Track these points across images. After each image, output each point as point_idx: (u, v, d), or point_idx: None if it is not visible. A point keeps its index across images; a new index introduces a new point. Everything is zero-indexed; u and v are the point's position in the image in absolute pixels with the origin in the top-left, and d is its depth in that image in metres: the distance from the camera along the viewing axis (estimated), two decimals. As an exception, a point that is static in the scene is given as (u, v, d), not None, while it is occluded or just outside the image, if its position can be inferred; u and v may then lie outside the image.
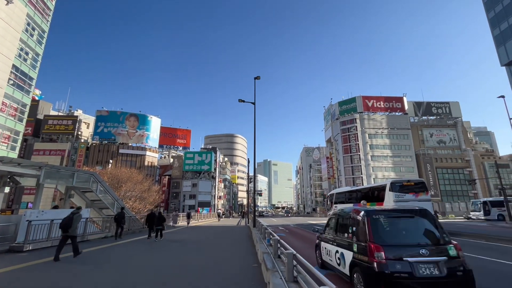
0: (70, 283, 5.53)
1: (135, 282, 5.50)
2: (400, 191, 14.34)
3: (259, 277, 5.89)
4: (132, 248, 10.67)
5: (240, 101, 18.96)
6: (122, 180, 31.07)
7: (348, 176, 72.56)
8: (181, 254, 9.47)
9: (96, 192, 13.97)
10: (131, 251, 10.17)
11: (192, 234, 16.93)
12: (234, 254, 9.24)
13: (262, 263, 6.51)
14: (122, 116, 60.66)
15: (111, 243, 11.69)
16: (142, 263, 7.75)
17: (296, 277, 3.92)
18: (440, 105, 76.65)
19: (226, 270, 6.73)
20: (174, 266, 7.38)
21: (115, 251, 10.07)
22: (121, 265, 7.61)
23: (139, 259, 8.58)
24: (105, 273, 6.40)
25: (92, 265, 7.24)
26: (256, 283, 5.44)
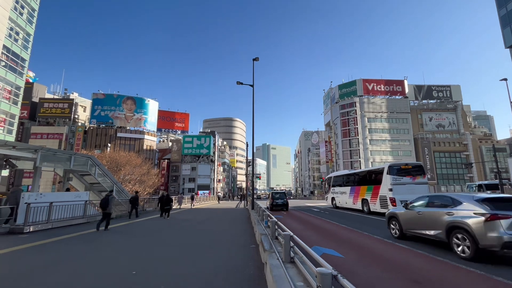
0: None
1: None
2: (398, 174, 14.42)
3: (257, 257, 5.99)
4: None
5: (239, 84, 18.57)
6: (121, 163, 31.11)
7: (346, 160, 73.10)
8: (189, 232, 10.12)
9: (94, 176, 13.97)
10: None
11: (196, 215, 18.23)
12: (233, 235, 9.39)
13: (260, 244, 6.60)
14: (119, 99, 59.78)
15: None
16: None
17: (293, 258, 3.94)
18: (441, 88, 75.80)
19: (226, 250, 6.84)
20: (184, 243, 8.15)
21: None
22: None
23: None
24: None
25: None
26: (254, 263, 5.53)
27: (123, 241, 8.37)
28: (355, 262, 5.78)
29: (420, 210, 7.35)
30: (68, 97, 60.49)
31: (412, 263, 5.66)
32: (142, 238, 8.84)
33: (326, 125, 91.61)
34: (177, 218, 15.58)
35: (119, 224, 12.17)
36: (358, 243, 7.97)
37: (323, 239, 8.66)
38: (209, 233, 10.00)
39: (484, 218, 5.40)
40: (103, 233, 9.54)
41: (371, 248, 7.25)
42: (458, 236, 5.92)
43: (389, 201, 14.20)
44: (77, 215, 11.74)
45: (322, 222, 13.35)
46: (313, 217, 15.65)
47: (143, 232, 10.39)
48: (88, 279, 4.49)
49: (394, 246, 7.31)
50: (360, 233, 9.58)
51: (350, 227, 11.11)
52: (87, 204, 12.22)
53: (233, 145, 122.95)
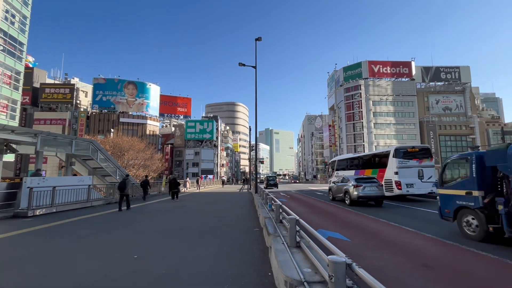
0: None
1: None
2: (404, 157, 14.10)
3: (261, 240, 5.87)
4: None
5: (241, 65, 17.96)
6: (125, 148, 31.13)
7: (350, 144, 72.63)
8: (195, 215, 10.06)
9: (97, 160, 13.89)
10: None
11: (202, 198, 18.69)
12: (237, 218, 9.33)
13: (264, 228, 6.48)
14: (120, 84, 59.04)
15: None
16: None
17: (299, 242, 3.77)
18: (450, 70, 73.48)
19: (230, 232, 6.75)
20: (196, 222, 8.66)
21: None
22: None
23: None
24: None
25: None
26: (258, 246, 5.41)
27: (144, 218, 9.45)
28: (361, 246, 5.64)
29: (338, 185, 14.47)
30: (69, 82, 59.93)
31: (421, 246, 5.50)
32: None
33: (330, 109, 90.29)
34: (185, 200, 16.47)
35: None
36: (363, 226, 7.84)
37: (327, 222, 8.55)
38: (213, 216, 9.95)
39: (353, 186, 12.37)
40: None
41: (376, 231, 7.11)
42: (345, 195, 13.03)
43: (394, 185, 14.00)
44: (81, 199, 11.77)
45: (326, 205, 13.28)
46: (317, 201, 15.60)
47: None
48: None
49: (401, 230, 7.16)
50: (364, 216, 9.46)
51: (355, 210, 10.99)
52: (91, 188, 12.21)
53: (236, 130, 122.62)
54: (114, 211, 11.11)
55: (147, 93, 61.98)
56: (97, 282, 3.63)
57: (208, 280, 3.66)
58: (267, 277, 3.73)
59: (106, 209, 11.72)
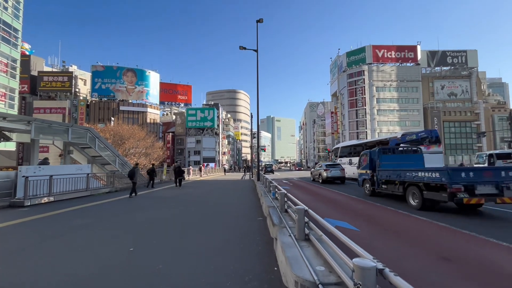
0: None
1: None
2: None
3: (265, 231, 5.56)
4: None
5: (241, 48, 17.21)
6: (125, 137, 30.81)
7: (352, 131, 71.93)
8: (195, 204, 9.45)
9: (95, 148, 13.55)
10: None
11: (205, 185, 18.76)
12: (240, 206, 9.05)
13: (268, 217, 6.17)
14: (119, 72, 58.00)
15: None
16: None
17: (308, 235, 3.41)
18: (457, 54, 71.46)
19: (232, 222, 6.45)
20: (198, 210, 7.95)
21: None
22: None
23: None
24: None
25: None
26: (262, 237, 5.10)
27: (145, 207, 8.97)
28: (371, 236, 5.31)
29: (316, 169, 20.25)
30: (67, 69, 58.93)
31: (432, 234, 5.16)
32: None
33: (332, 95, 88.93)
34: (189, 187, 17.02)
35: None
36: (370, 214, 7.52)
37: (333, 210, 8.24)
38: (215, 204, 9.68)
39: (324, 170, 18.52)
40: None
41: (384, 219, 6.78)
42: (319, 176, 18.94)
43: (400, 171, 13.65)
44: (80, 188, 11.53)
45: (330, 192, 12.98)
46: (321, 188, 15.31)
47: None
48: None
49: (410, 218, 6.82)
50: (371, 204, 9.14)
51: (360, 197, 10.68)
52: (90, 176, 11.93)
53: (237, 117, 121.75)
54: (114, 199, 10.88)
55: (147, 80, 60.98)
56: (86, 278, 3.33)
57: (208, 274, 3.35)
58: (273, 272, 3.40)
59: (106, 197, 11.49)
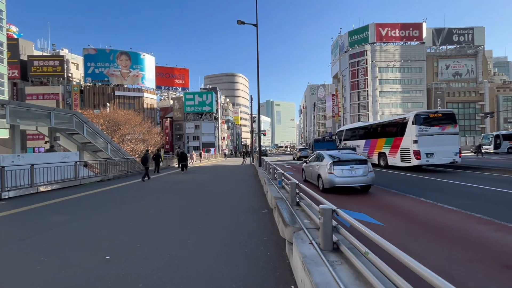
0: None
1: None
2: (425, 124, 12.62)
3: (272, 228, 4.68)
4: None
5: (240, 23, 15.72)
6: (120, 123, 29.69)
7: (354, 114, 70.63)
8: (197, 192, 8.60)
9: (83, 134, 12.53)
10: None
11: (206, 171, 18.16)
12: (242, 195, 8.18)
13: (274, 210, 5.29)
14: (112, 55, 55.70)
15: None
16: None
17: (337, 242, 2.50)
18: (463, 31, 68.71)
19: (233, 216, 5.58)
20: (197, 201, 6.54)
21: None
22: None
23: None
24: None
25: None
26: (270, 236, 4.22)
27: (136, 197, 7.47)
28: (400, 232, 4.45)
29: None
30: (58, 53, 56.57)
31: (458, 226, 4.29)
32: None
33: (333, 77, 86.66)
34: (192, 172, 16.89)
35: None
36: (390, 203, 6.65)
37: (344, 198, 7.36)
38: (216, 194, 8.81)
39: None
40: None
41: (407, 210, 5.92)
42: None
43: (412, 154, 12.71)
44: (68, 177, 10.64)
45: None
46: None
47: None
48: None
49: (433, 206, 5.96)
50: (387, 191, 8.28)
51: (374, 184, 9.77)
52: (78, 165, 11.00)
53: (236, 102, 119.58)
54: (105, 189, 10.03)
55: (142, 64, 58.77)
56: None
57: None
58: (290, 293, 2.53)
59: (98, 187, 10.63)
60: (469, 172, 12.15)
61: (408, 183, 9.73)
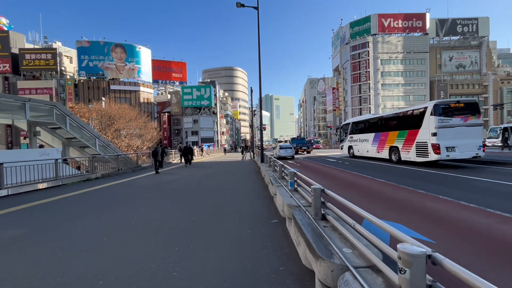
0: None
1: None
2: (445, 114, 11.40)
3: (289, 250, 3.50)
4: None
5: (239, 6, 14.33)
6: (115, 117, 28.36)
7: (355, 107, 69.36)
8: (196, 196, 7.42)
9: (66, 128, 11.27)
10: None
11: (207, 168, 16.83)
12: (246, 197, 7.02)
13: (289, 223, 4.13)
14: (106, 47, 53.88)
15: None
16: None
17: None
18: (467, 22, 67.06)
19: (238, 229, 4.43)
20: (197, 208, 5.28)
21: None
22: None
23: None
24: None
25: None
26: (288, 266, 3.05)
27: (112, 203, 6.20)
28: (467, 255, 3.27)
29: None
30: (51, 46, 54.69)
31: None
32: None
33: (334, 70, 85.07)
34: (192, 168, 15.38)
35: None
36: (432, 210, 5.45)
37: (369, 202, 6.18)
38: (215, 195, 7.66)
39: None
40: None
41: (454, 219, 4.75)
42: None
43: (430, 148, 11.53)
44: (47, 177, 9.43)
45: (351, 176, 10.95)
46: (335, 169, 13.30)
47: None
48: None
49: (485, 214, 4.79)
50: (422, 194, 7.10)
51: (397, 183, 8.60)
52: (59, 162, 9.78)
53: (235, 96, 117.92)
54: (89, 190, 8.85)
55: (137, 57, 57.00)
56: None
57: None
58: None
59: (81, 187, 9.44)
60: (498, 168, 10.92)
61: (437, 182, 8.55)
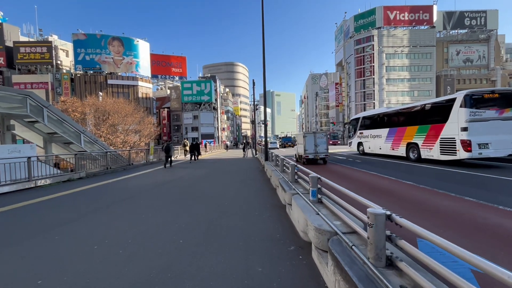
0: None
1: None
2: (478, 106, 9.95)
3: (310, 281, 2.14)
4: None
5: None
6: (110, 112, 26.98)
7: (359, 103, 67.71)
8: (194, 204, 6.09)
9: (43, 122, 9.90)
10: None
11: (207, 167, 15.50)
12: (252, 208, 5.67)
13: (318, 257, 2.75)
14: (103, 40, 52.23)
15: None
16: None
17: None
18: (475, 14, 64.97)
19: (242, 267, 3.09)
20: None
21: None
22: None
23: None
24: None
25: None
26: None
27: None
28: None
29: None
30: (46, 39, 53.10)
31: None
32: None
33: (337, 65, 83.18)
34: (192, 166, 13.61)
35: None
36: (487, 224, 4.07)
37: (422, 218, 4.79)
38: (215, 203, 6.30)
39: None
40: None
41: None
42: None
43: (459, 145, 10.11)
44: (19, 178, 8.09)
45: (370, 177, 9.55)
46: (348, 168, 11.89)
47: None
48: None
49: None
50: (473, 203, 5.71)
51: (431, 186, 7.19)
52: (32, 161, 8.42)
53: (236, 92, 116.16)
54: (66, 193, 7.51)
55: (135, 50, 55.35)
56: None
57: None
58: None
59: (58, 189, 8.09)
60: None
61: (481, 186, 7.15)
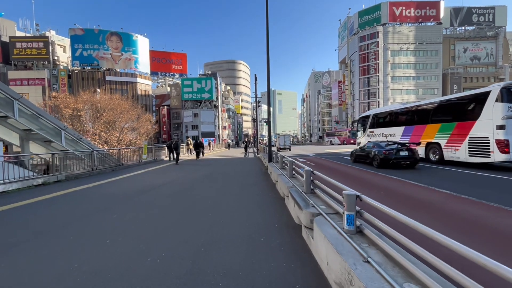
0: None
1: None
2: None
3: None
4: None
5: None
6: (105, 108, 25.72)
7: (363, 101, 66.19)
8: None
9: (14, 117, 8.63)
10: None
11: (206, 166, 14.40)
12: (255, 227, 4.38)
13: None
14: (101, 36, 50.91)
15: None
16: None
17: None
18: (484, 11, 63.20)
19: None
20: None
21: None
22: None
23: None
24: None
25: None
26: None
27: None
28: None
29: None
30: (43, 34, 51.86)
31: None
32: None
33: (340, 62, 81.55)
34: (192, 165, 12.99)
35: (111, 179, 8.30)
36: None
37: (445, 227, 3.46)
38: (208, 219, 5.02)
39: None
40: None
41: None
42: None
43: (493, 145, 8.77)
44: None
45: (391, 182, 8.22)
46: (362, 171, 10.54)
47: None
48: None
49: None
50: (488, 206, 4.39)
51: (468, 195, 5.87)
52: None
53: (237, 90, 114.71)
54: (34, 200, 6.24)
55: (134, 46, 54.02)
56: None
57: None
58: None
59: (28, 196, 6.81)
60: None
61: (501, 190, 5.79)
